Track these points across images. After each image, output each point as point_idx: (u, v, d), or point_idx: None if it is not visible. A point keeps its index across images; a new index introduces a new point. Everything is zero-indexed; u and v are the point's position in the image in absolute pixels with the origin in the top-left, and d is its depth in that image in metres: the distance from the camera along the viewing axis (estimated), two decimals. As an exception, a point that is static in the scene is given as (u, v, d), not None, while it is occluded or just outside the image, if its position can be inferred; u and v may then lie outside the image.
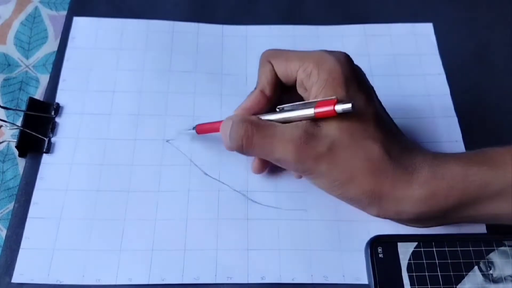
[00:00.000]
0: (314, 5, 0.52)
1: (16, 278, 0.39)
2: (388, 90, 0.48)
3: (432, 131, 0.46)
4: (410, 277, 0.38)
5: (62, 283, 0.39)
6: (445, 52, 0.50)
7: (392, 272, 0.38)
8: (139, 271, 0.39)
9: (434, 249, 0.39)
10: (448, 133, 0.45)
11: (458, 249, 0.39)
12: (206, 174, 0.43)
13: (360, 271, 0.40)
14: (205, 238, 0.40)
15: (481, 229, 0.41)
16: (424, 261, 0.38)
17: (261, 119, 0.38)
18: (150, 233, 0.41)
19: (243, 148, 0.38)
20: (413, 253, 0.39)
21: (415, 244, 0.39)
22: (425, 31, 0.51)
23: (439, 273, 0.38)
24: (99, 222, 0.41)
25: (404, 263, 0.38)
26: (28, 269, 0.39)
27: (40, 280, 0.39)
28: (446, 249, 0.39)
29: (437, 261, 0.38)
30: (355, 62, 0.49)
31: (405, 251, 0.39)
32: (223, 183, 0.43)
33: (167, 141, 0.45)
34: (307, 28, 0.51)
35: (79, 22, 0.51)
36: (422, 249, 0.39)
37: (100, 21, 0.51)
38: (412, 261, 0.38)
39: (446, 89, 0.48)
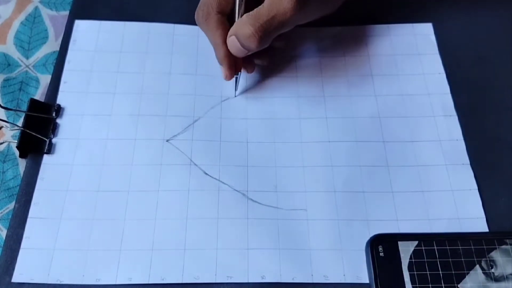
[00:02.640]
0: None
1: (16, 277, 0.39)
2: (388, 90, 0.48)
3: (433, 130, 0.46)
4: (411, 276, 0.38)
5: (62, 283, 0.39)
6: (445, 51, 0.50)
7: (393, 270, 0.38)
8: (139, 270, 0.39)
9: (435, 247, 0.39)
10: (448, 132, 0.45)
11: (460, 247, 0.39)
12: (206, 173, 0.43)
13: (360, 270, 0.39)
14: (205, 237, 0.40)
15: (482, 228, 0.41)
16: (425, 260, 0.38)
17: (247, 15, 0.42)
18: (150, 233, 0.41)
19: (260, 39, 0.41)
20: (414, 251, 0.39)
21: (416, 242, 0.39)
22: (425, 31, 0.51)
23: (440, 272, 0.38)
24: (99, 222, 0.41)
25: (405, 262, 0.38)
26: (28, 268, 0.39)
27: (40, 279, 0.39)
28: (448, 247, 0.39)
29: (438, 260, 0.38)
30: (355, 62, 0.49)
31: (406, 249, 0.39)
32: (223, 182, 0.43)
33: (167, 140, 0.45)
34: (308, 30, 0.51)
35: (80, 25, 0.51)
36: (423, 248, 0.39)
37: (101, 24, 0.51)
38: (413, 260, 0.38)
39: (446, 88, 0.48)
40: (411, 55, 0.50)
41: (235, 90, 0.47)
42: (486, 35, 0.51)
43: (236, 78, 0.46)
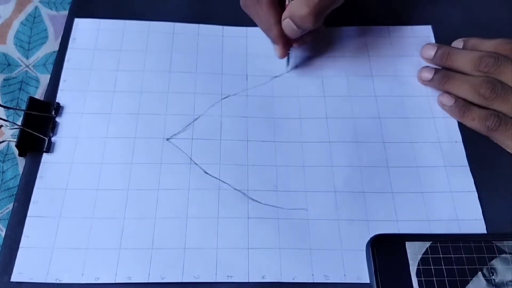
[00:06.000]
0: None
1: (15, 277, 0.39)
2: (388, 91, 0.48)
3: (432, 132, 0.46)
4: (414, 276, 0.38)
5: (61, 282, 0.39)
6: (444, 53, 0.50)
7: (393, 270, 0.38)
8: (139, 269, 0.39)
9: (439, 248, 0.39)
10: (448, 134, 0.46)
11: (463, 256, 0.39)
12: (206, 172, 0.43)
13: (361, 270, 0.39)
14: (205, 236, 0.40)
15: (480, 229, 0.41)
16: (431, 261, 0.39)
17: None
18: (150, 232, 0.41)
19: (316, 18, 0.42)
20: (415, 251, 0.39)
21: (416, 243, 0.39)
22: (425, 33, 0.51)
23: (444, 273, 0.38)
24: (98, 220, 0.41)
25: (405, 262, 0.38)
26: (27, 268, 0.39)
27: (39, 279, 0.39)
28: (452, 255, 0.39)
29: (442, 261, 0.39)
30: (356, 63, 0.49)
31: (409, 251, 0.39)
32: (223, 181, 0.43)
33: (167, 139, 0.45)
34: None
35: (80, 23, 0.51)
36: (424, 248, 0.39)
37: (101, 22, 0.51)
38: (415, 261, 0.38)
39: (446, 89, 0.48)
40: (411, 56, 0.50)
41: (287, 65, 0.49)
42: (485, 35, 0.51)
43: (289, 54, 0.48)
